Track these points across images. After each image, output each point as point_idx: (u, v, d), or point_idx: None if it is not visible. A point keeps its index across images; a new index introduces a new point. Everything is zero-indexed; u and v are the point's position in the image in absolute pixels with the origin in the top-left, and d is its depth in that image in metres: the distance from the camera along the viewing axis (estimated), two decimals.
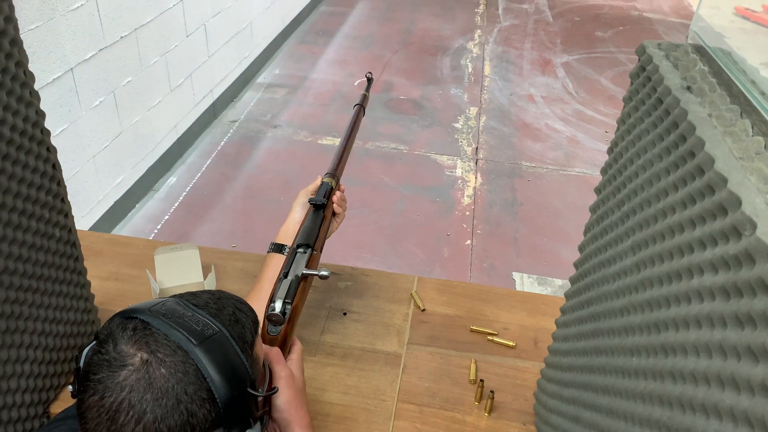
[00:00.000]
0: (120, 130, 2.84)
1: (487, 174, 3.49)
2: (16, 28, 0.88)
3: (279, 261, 1.09)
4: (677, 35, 5.59)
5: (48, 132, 0.98)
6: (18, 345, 0.96)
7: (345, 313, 1.32)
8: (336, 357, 1.22)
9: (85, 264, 1.15)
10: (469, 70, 4.78)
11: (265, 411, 0.67)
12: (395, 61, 4.88)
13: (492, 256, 2.86)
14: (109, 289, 1.34)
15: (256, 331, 0.67)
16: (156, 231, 2.93)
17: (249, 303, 1.06)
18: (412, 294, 1.37)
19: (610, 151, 0.87)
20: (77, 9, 2.40)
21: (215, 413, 0.57)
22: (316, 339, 1.25)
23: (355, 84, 4.46)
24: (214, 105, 3.84)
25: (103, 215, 2.78)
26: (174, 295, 0.65)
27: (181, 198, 3.17)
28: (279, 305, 0.89)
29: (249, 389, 0.61)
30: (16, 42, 0.88)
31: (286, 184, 3.31)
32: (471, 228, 3.04)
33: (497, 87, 4.53)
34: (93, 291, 1.18)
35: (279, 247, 1.13)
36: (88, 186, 2.65)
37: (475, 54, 5.09)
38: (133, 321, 0.59)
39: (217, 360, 0.58)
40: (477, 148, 3.74)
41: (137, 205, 3.08)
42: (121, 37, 2.74)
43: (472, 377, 1.19)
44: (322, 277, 0.95)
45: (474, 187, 3.35)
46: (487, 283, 2.66)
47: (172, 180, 3.31)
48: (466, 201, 3.24)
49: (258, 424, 0.63)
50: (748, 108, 0.61)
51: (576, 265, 0.96)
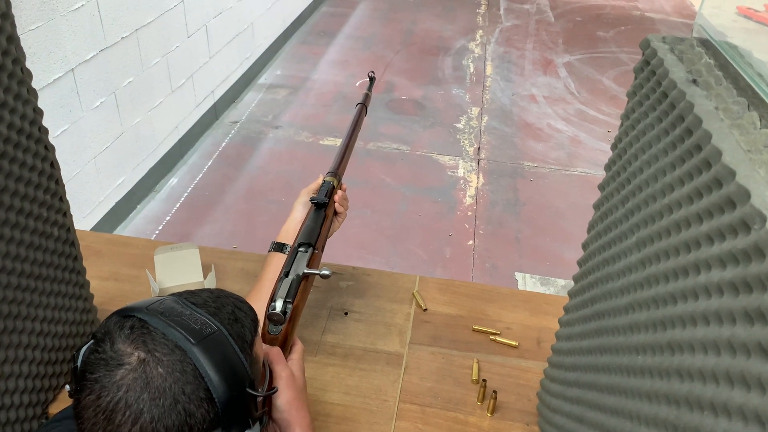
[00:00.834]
0: (121, 130, 2.83)
1: (489, 174, 3.47)
2: (13, 24, 0.87)
3: (280, 260, 1.08)
4: (679, 35, 5.57)
5: (46, 130, 0.97)
6: (16, 345, 0.95)
7: (346, 313, 1.31)
8: (337, 357, 1.21)
9: (85, 264, 1.14)
10: (471, 70, 4.77)
11: (265, 411, 0.66)
12: (397, 62, 4.87)
13: (494, 256, 2.85)
14: (109, 289, 1.33)
15: (255, 331, 0.66)
16: (157, 232, 2.92)
17: (249, 302, 1.04)
18: (413, 294, 1.36)
19: (614, 147, 0.86)
20: (78, 9, 2.40)
21: (213, 413, 0.56)
22: (317, 339, 1.24)
23: (357, 84, 4.45)
24: (215, 106, 3.84)
25: (105, 216, 2.77)
26: (173, 294, 0.64)
27: (183, 199, 3.17)
28: (280, 304, 0.88)
29: (248, 389, 0.60)
30: (13, 39, 0.87)
31: (287, 185, 3.30)
32: (473, 228, 3.02)
33: (499, 87, 4.52)
34: (92, 291, 1.17)
35: (280, 246, 1.12)
36: (89, 187, 2.64)
37: (477, 54, 5.08)
38: (131, 319, 0.58)
39: (216, 359, 0.57)
40: (479, 148, 3.73)
41: (138, 206, 3.07)
42: (122, 38, 2.73)
43: (474, 377, 1.17)
44: (323, 276, 0.94)
45: (476, 188, 3.34)
46: (490, 283, 2.65)
47: (173, 181, 3.30)
48: (468, 201, 3.22)
49: (257, 424, 0.62)
50: (755, 101, 0.60)
51: (579, 263, 0.95)
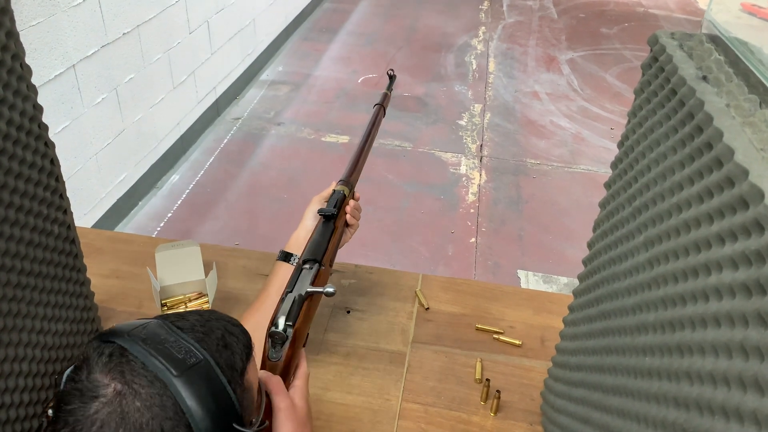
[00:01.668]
0: (122, 127, 2.82)
1: (492, 171, 3.46)
2: (12, 19, 0.86)
3: (285, 270, 1.04)
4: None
5: (46, 127, 0.96)
6: (16, 343, 0.94)
7: (348, 311, 1.30)
8: (339, 356, 1.20)
9: (86, 261, 1.13)
10: (474, 67, 4.76)
11: None
12: (399, 58, 4.86)
13: (497, 254, 2.84)
14: (110, 287, 1.32)
15: (248, 357, 0.62)
16: (159, 229, 2.92)
17: (252, 313, 1.01)
18: (416, 292, 1.35)
19: (620, 145, 0.84)
20: (79, 5, 2.39)
21: None
22: (319, 337, 1.23)
23: (359, 81, 4.44)
24: (217, 102, 3.83)
25: (106, 213, 2.76)
26: (159, 316, 0.61)
27: (184, 196, 3.16)
28: (281, 323, 0.82)
29: (235, 425, 0.56)
30: (12, 34, 0.86)
31: (289, 182, 3.29)
32: (476, 226, 3.01)
33: (502, 84, 4.51)
34: (93, 289, 1.17)
35: (287, 256, 1.08)
36: (90, 184, 2.64)
37: (480, 51, 5.06)
38: (110, 346, 0.55)
39: (199, 393, 0.53)
40: (481, 145, 3.71)
41: (140, 203, 3.06)
42: (124, 34, 2.72)
43: (477, 376, 1.17)
44: (327, 294, 0.88)
45: (478, 185, 3.33)
46: (492, 281, 2.63)
47: (175, 178, 3.29)
48: (470, 198, 3.21)
49: None
50: (767, 98, 0.59)
51: (585, 262, 0.94)
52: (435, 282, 1.39)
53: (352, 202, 1.11)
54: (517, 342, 1.24)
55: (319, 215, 1.05)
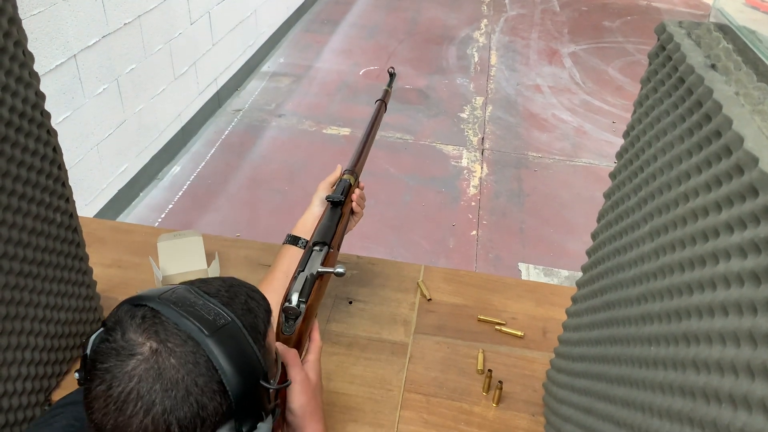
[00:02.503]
0: (124, 118, 2.81)
1: (493, 164, 3.45)
2: (14, 6, 0.85)
3: (293, 253, 1.07)
4: None
5: (48, 114, 0.96)
6: (18, 332, 0.94)
7: (351, 302, 1.30)
8: (342, 346, 1.20)
9: (88, 251, 1.13)
10: (475, 59, 4.74)
11: (277, 403, 0.65)
12: (401, 51, 4.84)
13: (498, 247, 2.84)
14: (112, 277, 1.32)
15: (268, 321, 0.65)
16: (160, 220, 2.91)
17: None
18: (418, 283, 1.35)
19: (626, 135, 0.84)
20: None
21: (226, 406, 0.55)
22: (321, 327, 1.23)
23: (360, 73, 4.42)
24: (218, 94, 3.82)
25: (107, 204, 2.76)
26: (184, 282, 0.63)
27: (185, 187, 3.15)
28: (295, 299, 0.87)
29: (261, 381, 0.58)
30: (14, 21, 0.86)
31: (290, 173, 3.28)
32: (477, 219, 3.01)
33: (504, 77, 4.49)
34: (95, 278, 1.16)
35: (295, 239, 1.10)
36: (91, 174, 2.63)
37: (482, 43, 5.04)
38: (142, 309, 0.57)
39: (229, 351, 0.56)
40: (483, 138, 3.70)
41: (141, 194, 3.06)
42: (125, 24, 2.71)
43: (479, 367, 1.17)
44: (337, 275, 0.93)
45: (480, 178, 3.32)
46: (493, 274, 2.63)
47: (176, 169, 3.29)
48: (471, 191, 3.21)
49: (270, 416, 0.61)
50: None
51: (589, 253, 0.94)
52: (437, 273, 1.39)
53: (357, 191, 1.13)
54: (519, 333, 1.24)
55: (327, 201, 1.08)
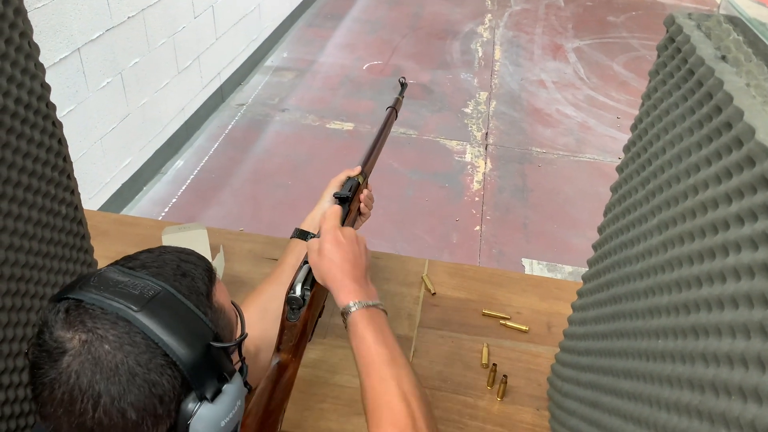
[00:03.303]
0: (127, 111, 2.81)
1: (497, 159, 3.45)
2: None
3: (301, 247, 1.07)
4: None
5: (54, 106, 0.95)
6: (24, 323, 0.94)
7: None
8: (346, 339, 1.20)
9: (92, 244, 1.13)
10: (479, 54, 4.72)
11: (243, 359, 0.63)
12: (404, 46, 4.83)
13: (501, 242, 2.83)
14: None
15: (210, 280, 0.62)
16: (163, 214, 2.92)
17: (268, 285, 1.03)
18: (422, 277, 1.35)
19: (633, 128, 0.83)
20: None
21: (180, 377, 0.53)
22: (325, 321, 1.23)
23: (364, 68, 4.41)
24: (221, 88, 3.81)
25: (111, 197, 2.76)
26: (111, 264, 0.60)
27: (189, 181, 3.15)
28: (299, 289, 0.89)
29: (212, 342, 0.56)
30: (20, 11, 0.85)
31: (294, 168, 3.28)
32: (480, 214, 3.01)
33: (508, 72, 4.48)
34: None
35: (303, 234, 1.10)
36: (95, 168, 2.63)
37: (486, 38, 5.02)
38: (65, 302, 0.54)
39: (166, 321, 0.53)
40: (487, 133, 3.69)
41: (145, 188, 3.06)
42: (129, 18, 2.71)
43: (484, 361, 1.16)
44: None
45: (483, 173, 3.32)
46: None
47: (179, 163, 3.29)
48: (475, 187, 3.20)
49: (237, 374, 0.59)
50: None
51: (595, 247, 0.94)
52: (441, 267, 1.39)
53: (365, 191, 1.12)
54: (524, 328, 1.24)
55: (335, 198, 1.08)
